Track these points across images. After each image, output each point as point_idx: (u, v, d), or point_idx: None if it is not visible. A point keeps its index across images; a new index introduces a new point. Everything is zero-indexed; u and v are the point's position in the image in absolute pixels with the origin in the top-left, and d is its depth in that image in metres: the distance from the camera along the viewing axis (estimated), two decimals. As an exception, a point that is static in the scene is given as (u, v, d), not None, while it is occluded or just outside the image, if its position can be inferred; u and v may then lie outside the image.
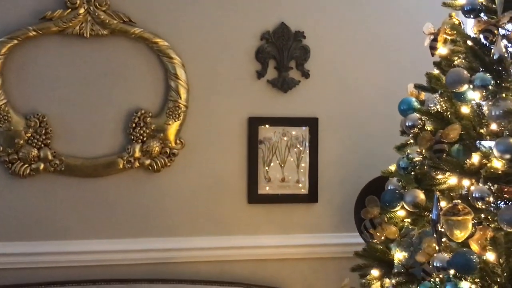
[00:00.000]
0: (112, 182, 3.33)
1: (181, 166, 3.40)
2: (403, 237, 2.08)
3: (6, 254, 3.16)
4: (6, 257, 3.16)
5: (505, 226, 1.78)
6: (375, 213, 2.06)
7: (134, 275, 3.31)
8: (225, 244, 3.48)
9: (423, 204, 1.98)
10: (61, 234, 3.25)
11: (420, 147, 2.02)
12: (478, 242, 1.90)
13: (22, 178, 3.19)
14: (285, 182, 3.56)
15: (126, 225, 3.34)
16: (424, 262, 1.89)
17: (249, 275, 3.48)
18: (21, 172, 3.18)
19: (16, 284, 3.13)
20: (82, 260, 3.26)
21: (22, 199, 3.21)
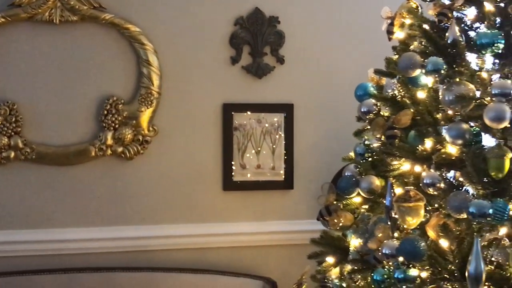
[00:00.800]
0: (84, 170, 3.31)
1: (154, 153, 3.38)
2: (359, 224, 2.05)
3: (-24, 243, 3.15)
4: (-24, 246, 3.15)
5: (452, 213, 1.75)
6: (331, 200, 2.03)
7: (107, 263, 3.29)
8: (201, 232, 3.46)
9: (378, 190, 1.95)
10: (32, 223, 3.24)
11: (373, 132, 1.99)
12: (434, 228, 1.87)
13: (-8, 167, 3.17)
14: (260, 169, 3.53)
15: (99, 214, 3.33)
16: (375, 249, 1.87)
17: (225, 262, 3.47)
18: (-9, 161, 3.16)
19: (-15, 274, 3.12)
20: (54, 248, 3.25)
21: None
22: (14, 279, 3.12)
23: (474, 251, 1.66)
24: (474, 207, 1.68)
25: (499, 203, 1.69)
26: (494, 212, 1.68)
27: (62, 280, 3.18)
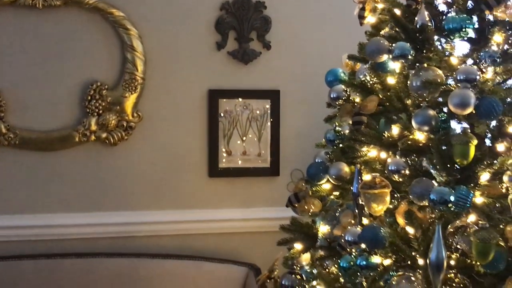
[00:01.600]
0: (68, 155, 3.30)
1: (138, 139, 3.36)
2: (327, 210, 2.03)
3: (-41, 227, 3.15)
4: (-41, 231, 3.15)
5: (415, 200, 1.72)
6: (300, 186, 2.01)
7: (91, 249, 3.29)
8: (186, 218, 3.45)
9: (347, 177, 1.93)
10: (16, 208, 3.24)
11: (341, 119, 1.96)
12: (402, 215, 1.85)
13: (-25, 152, 3.16)
14: (246, 155, 3.51)
15: (84, 199, 3.32)
16: (340, 235, 1.85)
17: (211, 248, 3.46)
18: (-26, 146, 3.15)
19: (-31, 258, 3.12)
20: (38, 234, 3.25)
21: (-25, 173, 3.19)
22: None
23: (435, 239, 1.64)
24: (435, 194, 1.65)
25: (462, 191, 1.66)
26: (456, 200, 1.65)
27: (44, 265, 3.18)
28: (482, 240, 1.63)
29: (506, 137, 1.73)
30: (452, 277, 1.77)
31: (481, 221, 1.66)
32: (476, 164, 1.71)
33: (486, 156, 1.73)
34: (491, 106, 1.66)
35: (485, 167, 1.70)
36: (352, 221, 1.81)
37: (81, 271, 3.19)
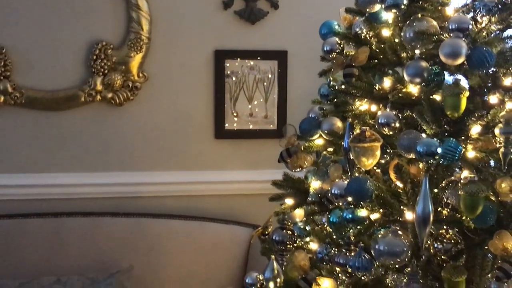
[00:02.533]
0: (74, 115, 3.31)
1: (144, 100, 3.35)
2: (320, 166, 2.00)
3: (-35, 186, 3.19)
4: (-34, 189, 3.19)
5: (403, 152, 1.68)
6: (291, 142, 1.98)
7: (97, 209, 3.31)
8: (191, 179, 3.45)
9: (340, 132, 1.89)
10: (22, 167, 3.26)
11: (333, 71, 1.92)
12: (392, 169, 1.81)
13: (-18, 111, 3.18)
14: (252, 117, 3.49)
15: (89, 159, 3.33)
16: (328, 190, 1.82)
17: (215, 210, 3.46)
18: (-20, 105, 3.17)
19: (-23, 215, 3.16)
20: (44, 193, 3.27)
21: (-17, 132, 3.22)
22: (4, 222, 3.16)
23: (422, 192, 1.60)
24: (422, 146, 1.61)
25: (451, 143, 1.62)
26: (444, 152, 1.61)
27: (51, 224, 3.21)
28: (469, 193, 1.58)
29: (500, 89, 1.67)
30: (443, 233, 1.73)
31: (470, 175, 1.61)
32: (468, 116, 1.66)
33: (478, 108, 1.68)
34: (483, 56, 1.60)
35: (476, 119, 1.65)
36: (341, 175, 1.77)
37: (86, 229, 3.21)
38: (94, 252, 3.17)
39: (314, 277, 1.77)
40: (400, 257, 1.62)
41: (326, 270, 1.80)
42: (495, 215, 1.63)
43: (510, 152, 1.63)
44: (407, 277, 1.65)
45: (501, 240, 1.59)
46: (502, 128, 1.62)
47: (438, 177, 1.71)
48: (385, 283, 1.76)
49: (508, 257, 1.57)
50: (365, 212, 1.70)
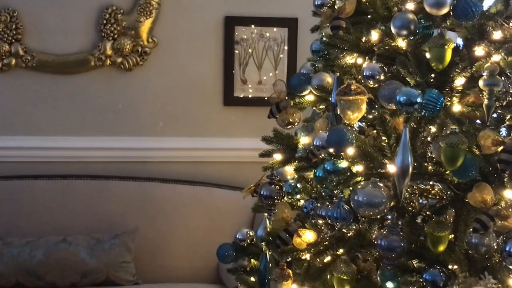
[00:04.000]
0: (84, 79, 3.35)
1: (153, 65, 3.37)
2: (309, 122, 1.99)
3: (-24, 147, 3.25)
4: (-23, 150, 3.26)
5: (383, 102, 1.66)
6: (281, 97, 1.97)
7: (105, 172, 3.35)
8: (200, 146, 3.47)
9: (329, 87, 1.88)
10: (33, 130, 3.32)
11: (322, 25, 1.90)
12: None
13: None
14: (262, 84, 3.48)
15: (98, 123, 3.37)
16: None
17: (223, 176, 3.47)
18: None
19: (-13, 176, 3.23)
20: (53, 155, 3.33)
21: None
22: (14, 183, 3.23)
23: (401, 143, 1.58)
24: (402, 96, 1.58)
25: (432, 93, 1.59)
26: (425, 102, 1.58)
27: (60, 185, 3.27)
28: (450, 144, 1.56)
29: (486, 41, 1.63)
30: (428, 189, 1.71)
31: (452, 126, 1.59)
32: (452, 68, 1.63)
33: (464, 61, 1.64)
34: (468, 6, 1.57)
35: (460, 71, 1.62)
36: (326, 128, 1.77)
37: (95, 191, 3.26)
38: (101, 214, 3.21)
39: (296, 229, 1.76)
40: (379, 208, 1.61)
41: (310, 224, 1.80)
42: (477, 168, 1.60)
43: (494, 104, 1.60)
44: (386, 230, 1.64)
45: (480, 193, 1.56)
46: (486, 80, 1.58)
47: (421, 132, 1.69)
48: (368, 238, 1.75)
49: (486, 209, 1.55)
50: (346, 163, 1.69)
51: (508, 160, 1.56)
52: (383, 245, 1.63)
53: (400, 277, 1.68)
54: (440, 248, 1.66)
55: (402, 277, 1.69)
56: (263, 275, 1.89)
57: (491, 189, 1.57)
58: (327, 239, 1.76)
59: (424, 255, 1.68)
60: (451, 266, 1.66)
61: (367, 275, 1.73)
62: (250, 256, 2.09)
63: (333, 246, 1.76)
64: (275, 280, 1.77)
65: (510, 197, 1.58)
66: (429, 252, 1.67)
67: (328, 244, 1.76)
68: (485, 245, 1.58)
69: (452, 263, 1.66)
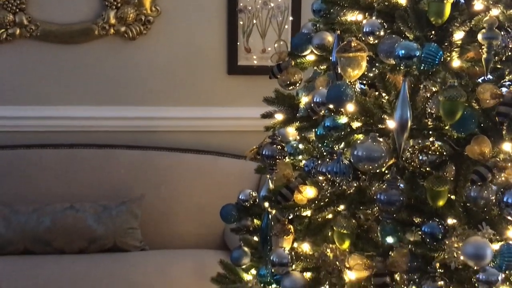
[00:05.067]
0: (88, 49, 3.36)
1: (157, 34, 3.38)
2: (310, 82, 2.00)
3: (-16, 117, 3.28)
4: (-16, 121, 3.29)
5: (383, 57, 1.67)
6: (282, 57, 1.98)
7: (111, 141, 3.37)
8: (204, 115, 3.49)
9: (330, 46, 1.88)
10: (38, 100, 3.34)
11: (321, -18, 1.90)
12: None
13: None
14: (266, 53, 3.48)
15: (103, 93, 3.39)
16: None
17: (227, 145, 3.49)
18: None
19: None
20: (60, 125, 3.36)
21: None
22: (21, 152, 3.27)
23: (400, 97, 1.59)
24: (401, 49, 1.59)
25: (431, 47, 1.59)
26: (425, 56, 1.59)
27: (65, 154, 3.30)
28: (449, 98, 1.56)
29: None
30: (428, 145, 1.72)
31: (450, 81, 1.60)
32: (451, 22, 1.63)
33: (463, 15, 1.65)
34: (467, -42, 1.57)
35: (459, 25, 1.62)
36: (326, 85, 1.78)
37: (100, 160, 3.29)
38: (107, 182, 3.25)
39: (296, 185, 1.78)
40: (378, 162, 1.62)
41: (311, 181, 1.82)
42: (476, 122, 1.61)
43: (493, 58, 1.60)
44: (386, 184, 1.66)
45: (478, 145, 1.57)
46: (484, 34, 1.59)
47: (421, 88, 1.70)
48: (368, 195, 1.76)
49: (485, 161, 1.56)
50: (346, 119, 1.70)
51: (506, 113, 1.57)
52: (383, 199, 1.64)
53: (400, 232, 1.70)
54: (440, 203, 1.67)
55: (401, 232, 1.71)
56: (265, 233, 1.91)
57: (490, 142, 1.58)
58: (328, 195, 1.78)
59: (423, 210, 1.70)
60: (450, 221, 1.68)
61: (367, 230, 1.75)
62: (253, 216, 2.11)
63: (333, 203, 1.77)
64: (276, 235, 1.79)
65: (508, 149, 1.59)
66: (428, 207, 1.68)
67: (328, 201, 1.78)
68: (483, 198, 1.59)
69: (451, 217, 1.67)
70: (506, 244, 1.51)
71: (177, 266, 2.97)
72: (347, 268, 1.65)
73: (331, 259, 1.67)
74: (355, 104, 1.68)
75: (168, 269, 2.94)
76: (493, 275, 1.49)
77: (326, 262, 1.67)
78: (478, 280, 1.50)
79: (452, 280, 1.60)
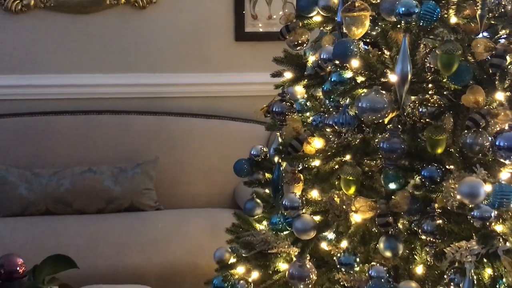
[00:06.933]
0: (100, 18, 3.48)
1: (166, 2, 3.50)
2: (316, 41, 2.12)
3: (1, 86, 3.40)
4: (1, 89, 3.41)
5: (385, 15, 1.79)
6: (290, 18, 2.11)
7: (124, 107, 3.51)
8: (213, 81, 3.62)
9: (335, 8, 2.00)
10: (53, 68, 3.48)
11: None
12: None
13: (14, 14, 3.38)
14: (272, 19, 3.60)
15: (115, 61, 3.52)
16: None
17: (237, 110, 3.62)
18: (13, 8, 3.37)
19: (13, 113, 3.40)
20: (74, 92, 3.50)
21: (15, 35, 3.42)
22: (39, 119, 3.41)
23: (401, 51, 1.71)
24: (401, 7, 1.72)
25: (429, 4, 1.72)
26: (423, 13, 1.72)
27: (81, 120, 3.44)
28: (446, 51, 1.69)
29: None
30: (428, 98, 1.85)
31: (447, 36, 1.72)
32: (448, -19, 1.75)
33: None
34: None
35: (455, -16, 1.75)
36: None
37: (114, 126, 3.44)
38: (123, 146, 3.39)
39: (305, 137, 1.92)
40: (381, 112, 1.75)
41: (319, 133, 1.96)
42: (471, 74, 1.74)
43: (486, 14, 1.72)
44: (388, 133, 1.79)
45: (473, 94, 1.71)
46: (479, -9, 1.71)
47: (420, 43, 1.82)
48: (372, 146, 1.90)
49: (479, 109, 1.70)
50: (351, 73, 1.83)
51: (498, 64, 1.70)
52: (385, 147, 1.78)
53: (402, 179, 1.84)
54: (438, 150, 1.81)
55: (403, 179, 1.85)
56: (276, 183, 2.05)
57: (483, 91, 1.71)
58: (335, 146, 1.91)
59: (423, 157, 1.84)
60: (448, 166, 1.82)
61: (371, 178, 1.89)
62: (264, 170, 2.25)
63: (340, 153, 1.91)
64: (287, 183, 1.94)
65: (501, 98, 1.73)
66: (428, 154, 1.82)
67: (335, 151, 1.91)
68: (478, 144, 1.73)
69: (449, 163, 1.81)
70: (498, 184, 1.65)
71: (191, 223, 3.12)
72: (353, 211, 1.79)
73: (338, 203, 1.82)
74: (359, 59, 1.81)
75: (183, 226, 3.09)
76: (487, 211, 1.63)
77: (333, 206, 1.81)
78: (473, 217, 1.64)
79: (449, 220, 1.75)
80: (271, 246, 1.98)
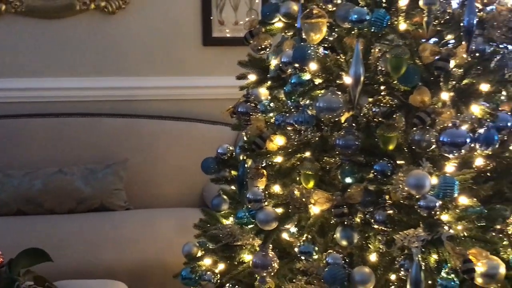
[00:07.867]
0: (71, 23, 3.58)
1: (135, 8, 3.61)
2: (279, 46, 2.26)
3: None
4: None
5: (340, 22, 1.94)
6: (254, 24, 2.24)
7: (95, 110, 3.61)
8: (182, 84, 3.73)
9: (295, 15, 2.14)
10: (25, 72, 3.56)
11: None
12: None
13: (-15, 19, 3.46)
14: (238, 25, 3.73)
15: (86, 65, 3.62)
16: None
17: (205, 112, 3.74)
18: (-16, 13, 3.44)
19: (-15, 115, 3.48)
20: (45, 96, 3.59)
21: (-13, 39, 3.50)
22: (8, 122, 3.49)
23: (354, 56, 1.85)
24: (354, 14, 1.87)
25: (380, 12, 1.87)
26: (374, 20, 1.87)
27: (53, 123, 3.53)
28: (395, 55, 1.84)
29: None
30: (380, 99, 2.00)
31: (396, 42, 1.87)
32: (397, -10, 1.90)
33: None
34: None
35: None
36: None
37: (85, 128, 3.53)
38: (92, 148, 3.49)
39: (268, 135, 2.06)
40: (337, 111, 1.90)
41: (281, 132, 2.09)
42: (419, 76, 1.90)
43: (432, 20, 1.88)
44: (344, 131, 1.94)
45: (420, 95, 1.86)
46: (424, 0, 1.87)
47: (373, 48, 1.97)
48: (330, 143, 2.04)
49: (425, 108, 1.85)
50: (309, 76, 1.97)
51: (443, 67, 1.86)
52: (341, 144, 1.92)
53: (357, 173, 1.99)
54: (390, 147, 1.95)
55: (359, 173, 1.99)
56: (241, 179, 2.18)
57: (429, 92, 1.87)
58: (295, 143, 2.05)
59: (376, 153, 1.98)
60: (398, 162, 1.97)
61: (329, 172, 2.03)
62: (230, 168, 2.38)
63: (300, 150, 2.05)
64: (252, 178, 2.07)
65: (445, 98, 1.88)
66: (380, 150, 1.97)
67: (296, 148, 2.05)
68: (425, 141, 1.88)
69: (399, 158, 1.96)
70: (443, 176, 1.80)
71: (160, 222, 3.23)
72: (312, 203, 1.93)
73: (298, 196, 1.95)
74: (316, 63, 1.95)
75: (153, 225, 3.20)
76: (432, 201, 1.78)
77: (294, 198, 1.95)
78: (419, 207, 1.79)
79: (399, 210, 1.89)
80: (237, 239, 2.12)
